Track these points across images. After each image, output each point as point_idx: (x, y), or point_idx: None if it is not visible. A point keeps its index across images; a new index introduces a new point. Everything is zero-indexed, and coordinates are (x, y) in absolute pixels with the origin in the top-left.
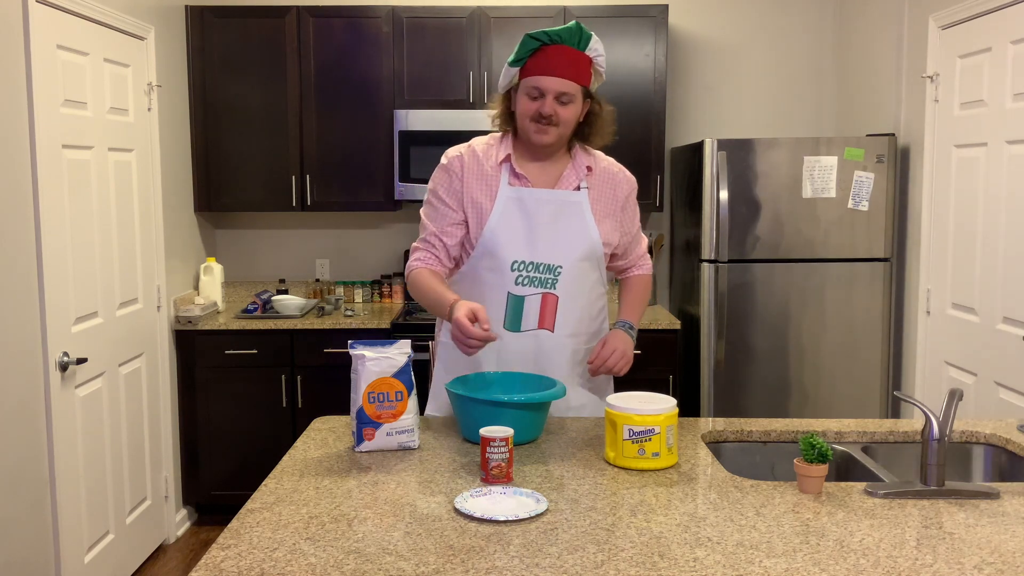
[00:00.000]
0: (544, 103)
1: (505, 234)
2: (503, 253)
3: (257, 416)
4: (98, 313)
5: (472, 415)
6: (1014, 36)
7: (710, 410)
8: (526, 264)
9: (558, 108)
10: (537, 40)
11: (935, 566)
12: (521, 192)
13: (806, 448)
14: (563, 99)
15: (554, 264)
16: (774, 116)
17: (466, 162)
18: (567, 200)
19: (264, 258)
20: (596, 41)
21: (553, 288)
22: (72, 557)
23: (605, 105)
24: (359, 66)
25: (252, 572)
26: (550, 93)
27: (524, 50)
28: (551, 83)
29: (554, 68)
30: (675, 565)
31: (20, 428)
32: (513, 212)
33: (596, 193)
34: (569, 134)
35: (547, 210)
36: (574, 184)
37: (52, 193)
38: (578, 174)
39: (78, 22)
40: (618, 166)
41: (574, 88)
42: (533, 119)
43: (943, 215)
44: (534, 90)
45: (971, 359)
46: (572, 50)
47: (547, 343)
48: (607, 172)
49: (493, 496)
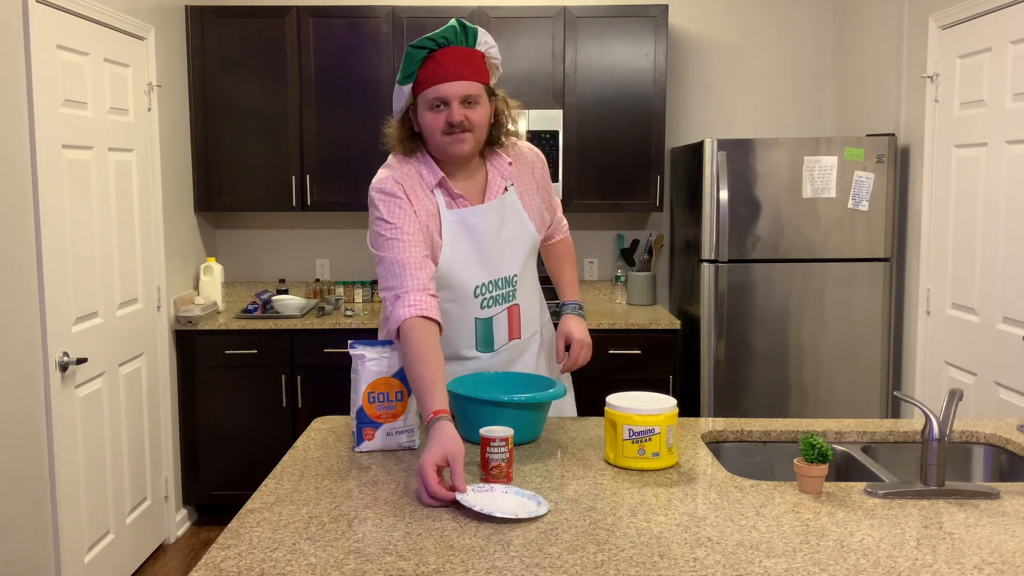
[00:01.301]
0: (451, 111)
1: (460, 263)
2: (464, 282)
3: (257, 416)
4: (98, 313)
5: (472, 415)
6: (1014, 36)
7: (710, 410)
8: (487, 285)
9: (467, 112)
10: (423, 48)
11: (935, 566)
12: (462, 214)
13: (806, 448)
14: (469, 101)
15: (510, 275)
16: (774, 116)
17: (408, 191)
18: (503, 206)
19: (264, 258)
20: (484, 33)
21: (514, 299)
22: (72, 557)
23: (511, 100)
24: (359, 66)
25: (252, 572)
26: (454, 99)
27: (412, 63)
28: (452, 88)
29: (450, 72)
30: (675, 565)
31: (20, 428)
32: (460, 237)
33: (520, 184)
34: (484, 138)
35: (490, 224)
36: (501, 187)
37: (52, 193)
38: (502, 175)
39: (78, 22)
40: (525, 145)
41: (477, 88)
42: (444, 132)
43: (943, 215)
44: (435, 100)
45: (971, 359)
46: (463, 49)
47: (516, 351)
48: (521, 157)
49: (495, 494)
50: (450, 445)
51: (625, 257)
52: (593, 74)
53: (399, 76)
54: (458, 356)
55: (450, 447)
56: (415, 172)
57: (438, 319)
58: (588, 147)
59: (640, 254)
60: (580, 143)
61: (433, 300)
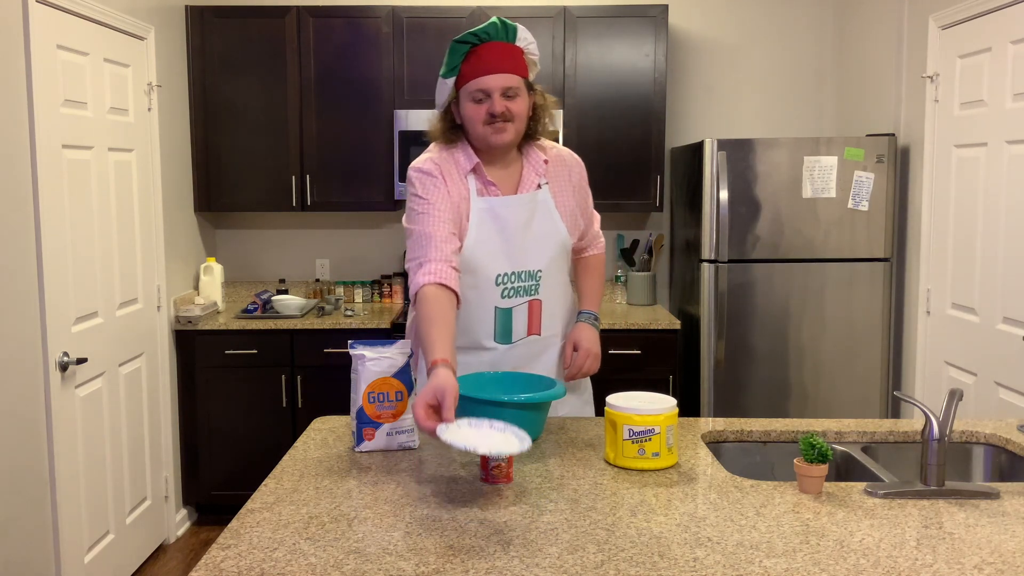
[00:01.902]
0: (493, 102)
1: (484, 249)
2: (486, 269)
3: (257, 416)
4: (98, 313)
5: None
6: (1014, 36)
7: (710, 410)
8: (509, 275)
9: (508, 104)
10: (466, 43)
11: (935, 566)
12: (492, 202)
13: (806, 448)
14: (509, 93)
15: (534, 270)
16: (774, 116)
17: (444, 170)
18: (534, 201)
19: (264, 258)
20: (523, 31)
21: (536, 294)
22: (72, 557)
23: (548, 96)
24: (359, 66)
25: (252, 572)
26: (496, 91)
27: (456, 57)
28: (494, 80)
29: (492, 65)
30: (675, 565)
31: (20, 428)
32: (488, 225)
33: (555, 185)
34: (523, 129)
35: (519, 217)
36: (535, 183)
37: (52, 193)
38: (536, 171)
39: (78, 22)
40: (566, 150)
41: (517, 81)
42: (486, 122)
43: (943, 215)
44: (478, 92)
45: (971, 359)
46: (504, 44)
47: (536, 347)
48: (559, 159)
49: (482, 429)
50: (440, 384)
51: (625, 257)
52: (593, 74)
53: (443, 69)
54: (477, 346)
55: (440, 385)
56: (452, 158)
57: (456, 288)
58: (588, 147)
59: (640, 254)
60: (580, 143)
61: (453, 272)
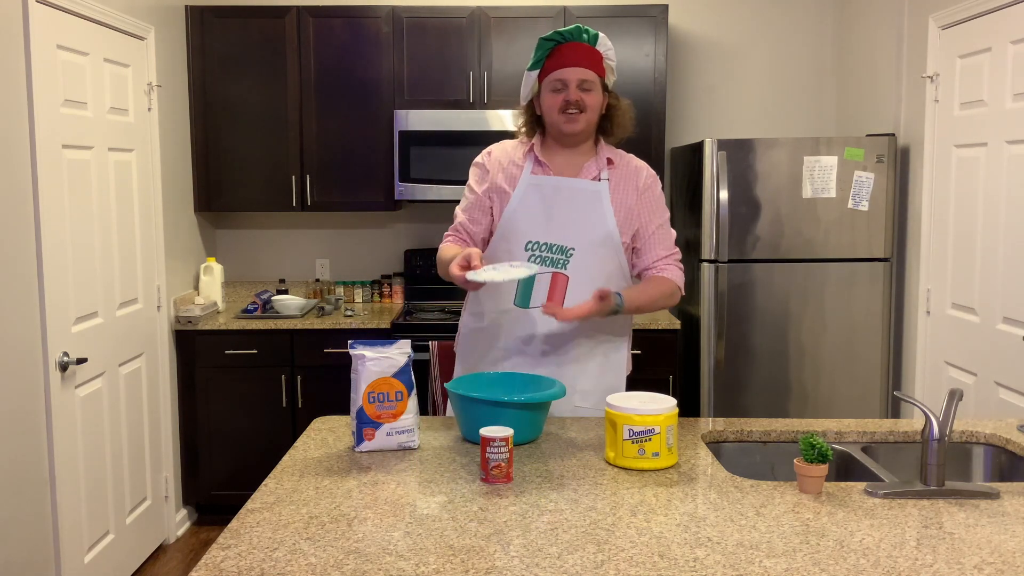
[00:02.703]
0: (568, 92)
1: (523, 217)
2: (519, 234)
3: (257, 416)
4: (98, 313)
5: (472, 415)
6: (1014, 36)
7: (710, 410)
8: (539, 244)
9: (582, 95)
10: (551, 40)
11: (935, 566)
12: (542, 180)
13: (806, 448)
14: (585, 86)
15: (567, 246)
16: (774, 116)
17: (495, 155)
18: (586, 188)
19: (264, 258)
20: (604, 39)
21: (564, 268)
22: (72, 557)
23: (622, 100)
24: (359, 66)
25: (252, 572)
26: (572, 82)
27: (541, 52)
28: (572, 73)
29: (572, 60)
30: (675, 565)
31: (20, 428)
32: (532, 197)
33: (616, 184)
34: (595, 121)
35: (565, 196)
36: (594, 174)
37: (52, 193)
38: (599, 165)
39: (78, 22)
40: (642, 162)
41: (593, 76)
42: (561, 110)
43: (943, 215)
44: (557, 83)
45: (971, 359)
46: (584, 45)
47: (554, 322)
48: (628, 166)
49: (500, 269)
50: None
51: None
52: None
53: (530, 63)
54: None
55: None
56: (514, 144)
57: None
58: None
59: None
60: None
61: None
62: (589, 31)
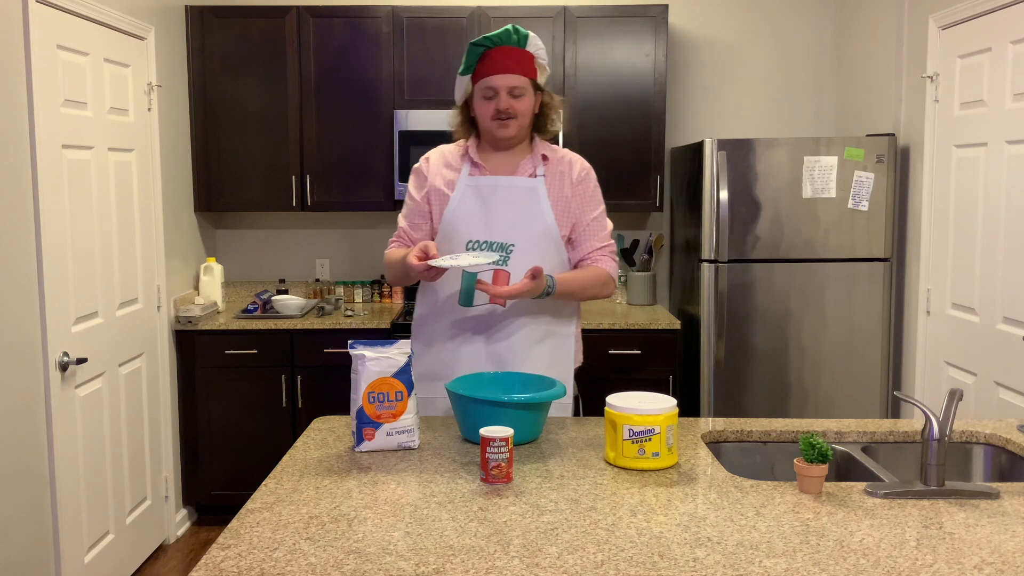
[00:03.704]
0: (499, 100)
1: (462, 217)
2: (459, 234)
3: (257, 416)
4: (98, 313)
5: (472, 415)
6: (1014, 36)
7: (710, 410)
8: (480, 243)
9: (512, 102)
10: (480, 46)
11: (935, 566)
12: (479, 180)
13: (806, 448)
14: (515, 92)
15: (507, 243)
16: (774, 116)
17: (432, 160)
18: (523, 185)
19: (264, 258)
20: (534, 38)
21: (505, 265)
22: (72, 557)
23: (556, 97)
24: (359, 66)
25: (252, 572)
26: (502, 89)
27: (471, 58)
28: (501, 80)
29: (501, 67)
30: (675, 565)
31: (20, 428)
32: (471, 198)
33: (552, 179)
34: (528, 125)
35: (503, 194)
36: (530, 171)
37: (52, 193)
38: (535, 162)
39: (78, 22)
40: (575, 155)
41: (523, 81)
42: (493, 117)
43: (943, 215)
44: (488, 90)
45: (971, 359)
46: (514, 48)
47: (497, 317)
48: (563, 160)
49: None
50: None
51: (625, 257)
52: (593, 74)
53: (461, 68)
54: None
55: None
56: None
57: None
58: (588, 147)
59: (640, 254)
60: (580, 143)
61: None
62: (519, 31)
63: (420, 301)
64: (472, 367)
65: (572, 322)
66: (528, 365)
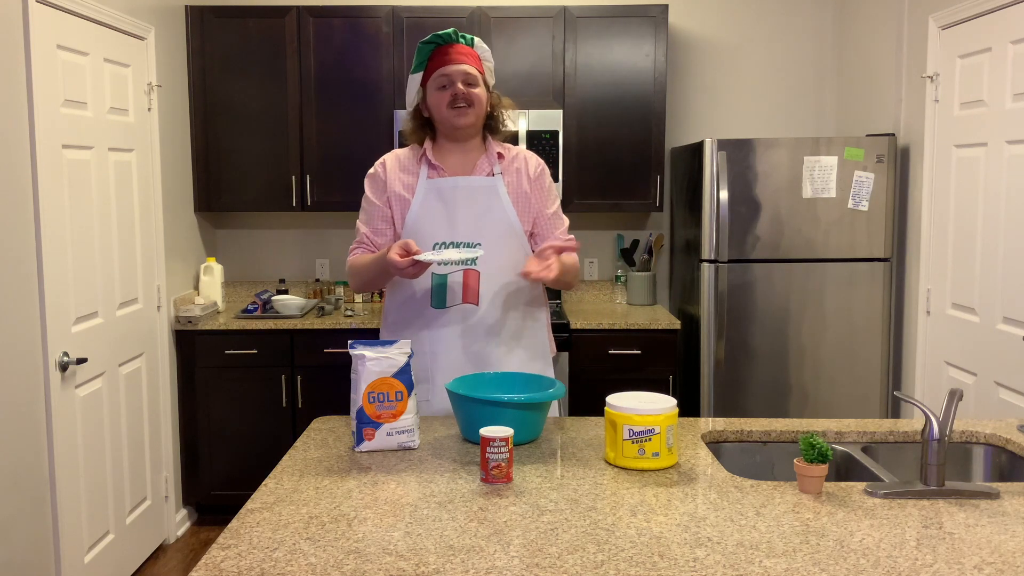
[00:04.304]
0: (455, 87)
1: (426, 220)
2: (424, 237)
3: (257, 416)
4: (98, 313)
5: (472, 415)
6: (1014, 36)
7: (710, 410)
8: (446, 244)
9: (468, 89)
10: (431, 43)
11: (935, 566)
12: (439, 182)
13: (806, 448)
14: (469, 80)
15: (473, 243)
16: (774, 116)
17: (388, 164)
18: (482, 185)
19: (264, 258)
20: (480, 42)
21: (473, 264)
22: (72, 557)
23: (504, 98)
24: (359, 66)
25: (252, 572)
26: (457, 77)
27: (422, 55)
28: (455, 70)
29: (455, 59)
30: (675, 565)
31: (20, 428)
32: (432, 200)
33: (509, 177)
34: (482, 117)
35: (464, 195)
36: (487, 170)
37: (52, 193)
38: (491, 161)
39: (78, 22)
40: (530, 152)
41: (475, 72)
42: (449, 105)
43: (943, 215)
44: (442, 78)
45: (971, 359)
46: (462, 45)
47: (475, 317)
48: (517, 157)
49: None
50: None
51: (625, 257)
52: (593, 74)
53: (412, 67)
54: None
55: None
56: (406, 152)
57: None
58: (588, 147)
59: (640, 254)
60: (580, 143)
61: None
62: (466, 36)
63: (390, 310)
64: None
65: (543, 311)
66: (508, 362)
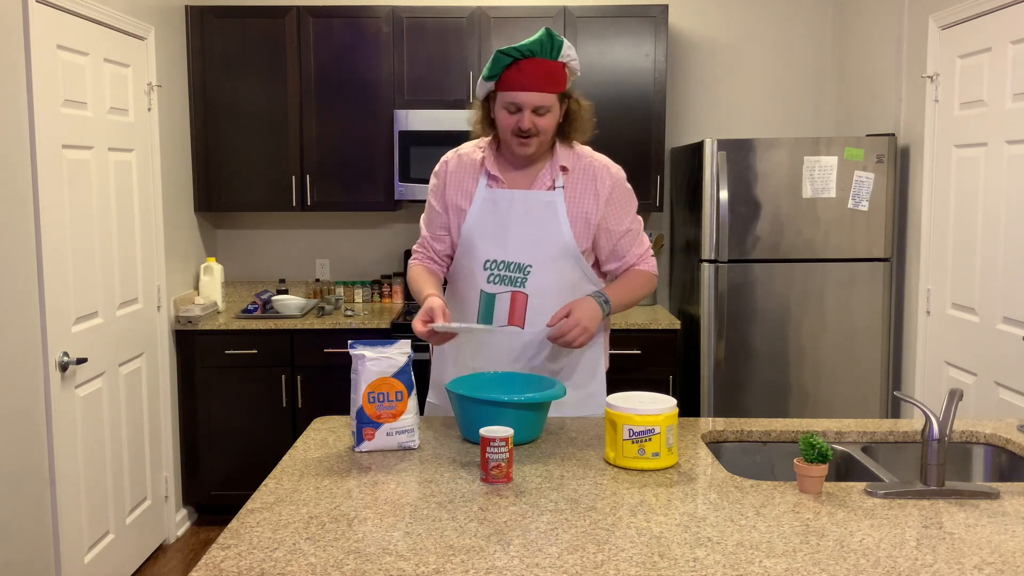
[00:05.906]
0: (522, 118)
1: (479, 235)
2: (477, 252)
3: (257, 416)
4: (98, 313)
5: (472, 415)
6: (1014, 36)
7: (710, 410)
8: (497, 263)
9: (536, 120)
10: (509, 56)
11: (935, 566)
12: (496, 193)
13: (806, 448)
14: (540, 111)
15: (523, 263)
16: (774, 116)
17: (450, 167)
18: (540, 200)
19: (264, 258)
20: (568, 47)
21: (522, 287)
22: (72, 557)
23: (583, 101)
24: (359, 66)
25: (252, 572)
26: (527, 107)
27: (497, 67)
28: (527, 98)
29: (529, 83)
30: (675, 565)
31: (20, 428)
32: (487, 213)
33: (573, 191)
34: (549, 140)
35: (519, 210)
36: (548, 184)
37: (52, 193)
38: (553, 174)
39: (78, 22)
40: (603, 161)
41: (550, 100)
42: (514, 133)
43: (943, 215)
44: (512, 105)
45: (971, 359)
46: (545, 61)
47: (520, 340)
48: (588, 168)
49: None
50: (430, 304)
51: None
52: (593, 74)
53: (484, 73)
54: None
55: (430, 306)
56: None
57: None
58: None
59: None
60: None
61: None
62: (554, 39)
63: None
64: None
65: (599, 333)
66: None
